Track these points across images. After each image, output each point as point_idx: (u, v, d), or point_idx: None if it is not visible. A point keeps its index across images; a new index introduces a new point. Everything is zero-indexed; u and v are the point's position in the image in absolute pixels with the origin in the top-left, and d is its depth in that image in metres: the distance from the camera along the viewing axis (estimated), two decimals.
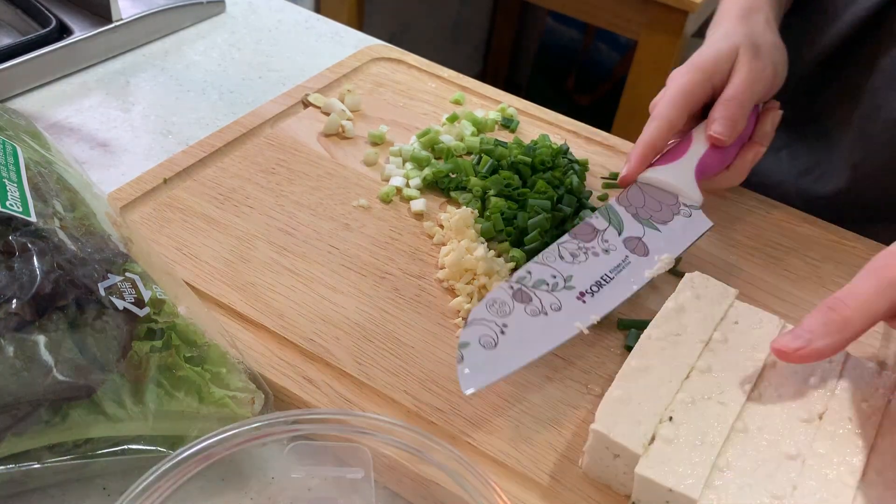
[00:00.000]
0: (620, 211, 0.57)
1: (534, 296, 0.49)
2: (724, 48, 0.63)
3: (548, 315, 0.48)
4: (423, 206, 0.64)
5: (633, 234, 0.55)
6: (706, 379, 0.46)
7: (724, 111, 0.61)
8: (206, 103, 0.77)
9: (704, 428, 0.44)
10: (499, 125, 0.76)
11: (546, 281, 0.50)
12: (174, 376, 0.44)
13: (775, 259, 0.64)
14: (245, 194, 0.64)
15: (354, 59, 0.81)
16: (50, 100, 0.75)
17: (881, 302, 0.43)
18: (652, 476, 0.42)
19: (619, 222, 0.55)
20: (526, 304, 0.48)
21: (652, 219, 0.57)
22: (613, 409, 0.45)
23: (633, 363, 0.47)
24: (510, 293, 0.49)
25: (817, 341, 0.43)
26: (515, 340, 0.47)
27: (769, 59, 0.63)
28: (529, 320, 0.48)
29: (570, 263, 0.51)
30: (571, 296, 0.50)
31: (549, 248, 0.52)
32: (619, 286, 0.51)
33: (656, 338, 0.49)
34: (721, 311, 0.51)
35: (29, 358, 0.40)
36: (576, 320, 0.49)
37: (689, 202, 0.59)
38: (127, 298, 0.45)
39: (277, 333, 0.53)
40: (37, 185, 0.49)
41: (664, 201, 0.58)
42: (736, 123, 0.61)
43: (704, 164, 0.61)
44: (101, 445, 0.42)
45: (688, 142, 0.62)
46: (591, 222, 0.55)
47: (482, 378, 0.45)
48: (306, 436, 0.45)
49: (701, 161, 0.61)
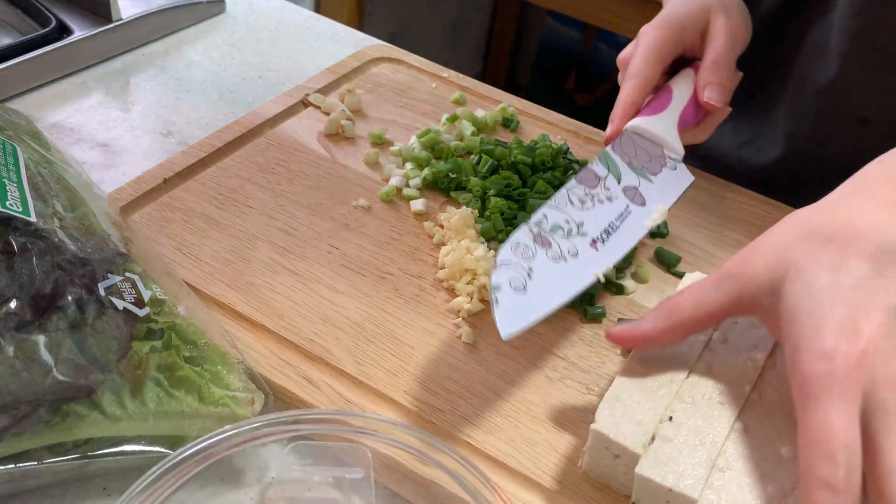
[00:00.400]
0: (617, 159, 0.58)
1: (552, 241, 0.50)
2: (693, 7, 0.63)
3: (567, 262, 0.50)
4: (423, 206, 0.64)
5: (631, 184, 0.56)
6: (706, 379, 0.46)
7: (713, 76, 0.62)
8: (206, 103, 0.77)
9: (704, 428, 0.44)
10: (499, 125, 0.76)
11: (561, 226, 0.51)
12: (174, 376, 0.44)
13: None
14: (245, 194, 0.64)
15: (354, 59, 0.81)
16: (50, 100, 0.75)
17: (713, 293, 0.44)
18: (652, 476, 0.42)
19: (617, 171, 0.57)
20: (547, 249, 0.50)
21: (644, 169, 0.58)
22: (613, 409, 0.45)
23: (633, 363, 0.47)
24: (531, 237, 0.50)
25: (644, 324, 0.45)
26: (542, 284, 0.48)
27: (741, 17, 0.64)
28: (552, 265, 0.49)
29: (579, 210, 0.53)
30: (585, 242, 0.51)
31: (559, 191, 0.53)
32: (625, 234, 0.53)
33: None
34: None
35: (29, 358, 0.40)
36: (592, 268, 0.50)
37: (673, 154, 0.60)
38: (127, 298, 0.45)
39: (277, 333, 0.53)
40: (37, 185, 0.49)
41: (652, 152, 0.60)
42: (726, 87, 0.62)
43: (684, 119, 0.62)
44: (101, 445, 0.42)
45: (668, 95, 0.63)
46: (592, 168, 0.56)
47: (518, 322, 0.46)
48: (306, 436, 0.45)
49: (682, 115, 0.62)
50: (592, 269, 0.50)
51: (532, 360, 0.53)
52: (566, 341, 0.55)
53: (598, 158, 0.57)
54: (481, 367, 0.52)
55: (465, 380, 0.51)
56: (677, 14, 0.63)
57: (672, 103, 0.62)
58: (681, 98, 0.62)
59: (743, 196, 0.70)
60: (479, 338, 0.54)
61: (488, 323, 0.56)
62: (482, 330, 0.55)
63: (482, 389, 0.51)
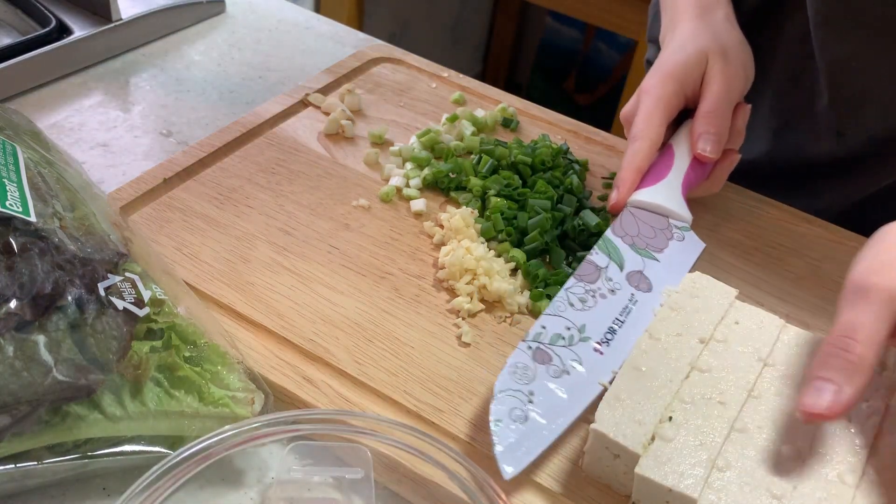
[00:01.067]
0: (618, 242, 0.56)
1: (553, 354, 0.48)
2: (692, 53, 0.61)
3: (570, 374, 0.48)
4: (423, 206, 0.64)
5: (635, 269, 0.54)
6: (706, 379, 0.46)
7: (707, 126, 0.60)
8: (206, 103, 0.77)
9: (704, 428, 0.44)
10: (499, 125, 0.76)
11: (562, 335, 0.50)
12: (174, 376, 0.44)
13: (775, 259, 0.64)
14: (245, 194, 0.64)
15: (354, 59, 0.81)
16: (50, 100, 0.75)
17: (883, 327, 0.41)
18: (651, 476, 0.42)
19: (619, 257, 0.55)
20: (547, 366, 0.48)
21: (649, 247, 0.56)
22: (613, 409, 0.45)
23: (634, 363, 0.47)
24: (530, 354, 0.48)
25: (845, 389, 0.40)
26: (545, 407, 0.46)
27: (739, 62, 0.62)
28: (554, 383, 0.47)
29: (580, 311, 0.51)
30: (588, 349, 0.49)
31: (557, 295, 0.52)
32: (631, 328, 0.51)
33: (656, 338, 0.49)
34: (721, 311, 0.51)
35: (29, 358, 0.40)
36: (597, 377, 0.48)
37: (679, 223, 0.58)
38: (127, 298, 0.45)
39: (277, 333, 0.53)
40: (37, 185, 0.49)
41: (656, 226, 0.57)
42: (720, 137, 0.60)
43: (689, 180, 0.60)
44: (101, 445, 0.42)
45: (669, 157, 0.61)
46: (593, 260, 0.54)
47: (521, 458, 0.44)
48: (306, 436, 0.45)
49: (686, 177, 0.60)
50: (598, 379, 0.48)
51: None
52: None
53: (598, 246, 0.55)
54: (481, 367, 0.52)
55: (465, 380, 0.51)
56: (676, 63, 0.61)
57: (674, 166, 0.60)
58: (683, 158, 0.60)
59: (741, 195, 0.70)
60: (479, 338, 0.54)
61: (488, 323, 0.56)
62: (482, 330, 0.55)
63: (482, 389, 0.51)
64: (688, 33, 0.63)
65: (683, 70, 0.61)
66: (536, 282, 0.58)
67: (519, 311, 0.57)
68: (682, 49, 0.62)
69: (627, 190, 0.59)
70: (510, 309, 0.56)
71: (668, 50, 0.64)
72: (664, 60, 0.63)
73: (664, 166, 0.60)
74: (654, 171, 0.60)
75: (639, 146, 0.59)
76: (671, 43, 0.64)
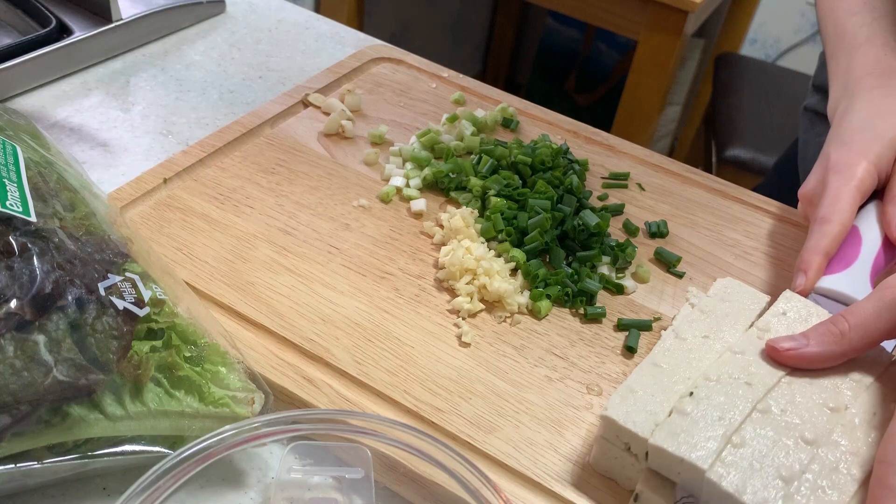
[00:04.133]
0: None
1: None
2: (884, 136, 0.58)
3: None
4: (423, 206, 0.64)
5: None
6: (737, 360, 0.46)
7: None
8: (206, 103, 0.77)
9: (726, 405, 0.43)
10: (499, 125, 0.76)
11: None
12: (174, 376, 0.44)
13: (777, 259, 0.64)
14: (245, 194, 0.64)
15: (354, 59, 0.81)
16: (50, 100, 0.75)
17: (879, 322, 0.45)
18: (664, 446, 0.41)
19: None
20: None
21: None
22: (625, 399, 0.45)
23: (654, 360, 0.47)
24: None
25: (810, 347, 0.46)
26: None
27: None
28: None
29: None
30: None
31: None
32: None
33: (682, 338, 0.49)
34: (752, 316, 0.50)
35: (29, 358, 0.40)
36: None
37: None
38: (127, 298, 0.45)
39: (277, 333, 0.53)
40: (37, 185, 0.49)
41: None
42: None
43: (878, 266, 0.55)
44: (101, 445, 0.42)
45: (857, 242, 0.56)
46: None
47: None
48: (306, 436, 0.45)
49: (874, 263, 0.55)
50: None
51: (532, 360, 0.53)
52: (566, 341, 0.55)
53: None
54: (481, 367, 0.52)
55: (465, 380, 0.51)
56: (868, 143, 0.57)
57: (862, 252, 0.55)
58: (872, 243, 0.55)
59: (742, 196, 0.70)
60: (479, 338, 0.54)
61: (488, 323, 0.56)
62: (482, 330, 0.55)
63: (482, 389, 0.51)
64: (872, 108, 0.60)
65: (878, 153, 0.57)
66: (536, 282, 0.58)
67: (519, 311, 0.57)
68: (869, 127, 0.59)
69: (815, 275, 0.54)
70: (510, 309, 0.56)
71: (853, 125, 0.60)
72: (850, 137, 0.59)
73: (852, 251, 0.55)
74: (840, 255, 0.55)
75: (828, 229, 0.55)
76: (852, 116, 0.61)
